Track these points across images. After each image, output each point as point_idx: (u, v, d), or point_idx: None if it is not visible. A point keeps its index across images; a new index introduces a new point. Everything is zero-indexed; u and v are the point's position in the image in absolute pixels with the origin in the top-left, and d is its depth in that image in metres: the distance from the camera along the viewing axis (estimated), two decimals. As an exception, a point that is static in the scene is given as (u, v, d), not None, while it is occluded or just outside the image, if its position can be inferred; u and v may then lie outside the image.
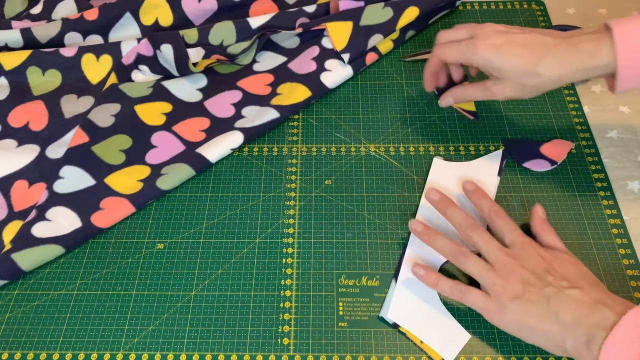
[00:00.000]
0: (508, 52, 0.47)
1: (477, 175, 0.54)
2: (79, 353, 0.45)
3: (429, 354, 0.44)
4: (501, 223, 0.46)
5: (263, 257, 0.50)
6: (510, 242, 0.45)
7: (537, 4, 0.69)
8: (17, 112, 0.59)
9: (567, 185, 0.53)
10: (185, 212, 0.53)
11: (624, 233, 0.50)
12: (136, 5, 0.64)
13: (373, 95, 0.61)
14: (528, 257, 0.43)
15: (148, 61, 0.61)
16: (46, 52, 0.61)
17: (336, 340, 0.46)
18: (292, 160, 0.56)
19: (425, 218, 0.51)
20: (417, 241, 0.49)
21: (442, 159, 0.55)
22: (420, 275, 0.46)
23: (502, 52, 0.47)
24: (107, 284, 0.49)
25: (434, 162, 0.55)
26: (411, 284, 0.47)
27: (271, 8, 0.68)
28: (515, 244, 0.45)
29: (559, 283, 0.41)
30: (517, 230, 0.46)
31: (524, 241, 0.45)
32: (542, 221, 0.48)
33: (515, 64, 0.47)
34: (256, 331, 0.46)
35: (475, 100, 0.55)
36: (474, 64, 0.49)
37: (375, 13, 0.61)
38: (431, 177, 0.54)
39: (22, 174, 0.55)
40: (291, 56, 0.63)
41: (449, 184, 0.53)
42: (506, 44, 0.47)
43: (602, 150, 0.56)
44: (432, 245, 0.46)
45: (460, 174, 0.54)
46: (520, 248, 0.44)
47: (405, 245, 0.50)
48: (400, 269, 0.48)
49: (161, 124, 0.58)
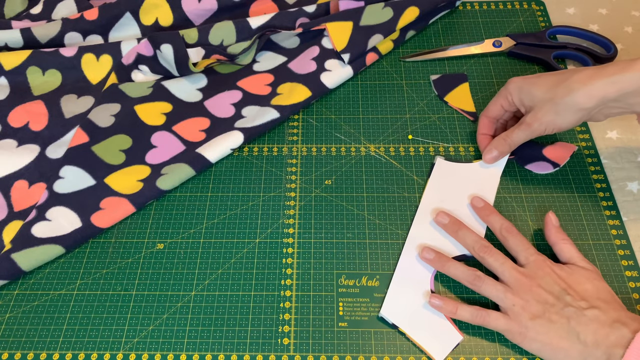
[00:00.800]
0: (537, 81, 0.50)
1: (480, 176, 0.54)
2: (79, 353, 0.45)
3: (428, 354, 0.44)
4: (514, 241, 0.46)
5: (263, 257, 0.50)
6: (525, 261, 0.45)
7: (537, 4, 0.69)
8: (17, 112, 0.59)
9: (566, 186, 0.54)
10: (185, 212, 0.53)
11: (623, 234, 0.50)
12: (136, 5, 0.64)
13: (373, 95, 0.61)
14: (544, 276, 0.43)
15: (148, 61, 0.61)
16: (46, 52, 0.61)
17: (336, 340, 0.46)
18: (292, 160, 0.56)
19: (425, 217, 0.51)
20: (410, 247, 0.50)
21: (444, 159, 0.55)
22: (437, 305, 0.45)
23: (532, 81, 0.50)
24: (107, 284, 0.49)
25: (437, 162, 0.55)
26: (406, 282, 0.47)
27: (271, 8, 0.68)
28: (529, 262, 0.45)
29: (578, 303, 0.42)
30: (530, 248, 0.46)
31: (538, 259, 0.45)
32: (557, 230, 0.47)
33: (545, 81, 0.48)
34: (256, 331, 0.46)
35: (520, 143, 0.52)
36: (508, 98, 0.51)
37: (375, 13, 0.61)
38: (433, 177, 0.54)
39: (22, 174, 0.55)
40: (291, 56, 0.63)
41: (451, 185, 0.53)
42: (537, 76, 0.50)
43: (602, 151, 0.56)
44: (448, 268, 0.47)
45: (463, 174, 0.54)
46: (535, 267, 0.44)
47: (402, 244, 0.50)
48: (396, 268, 0.48)
49: (161, 124, 0.58)
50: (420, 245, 0.49)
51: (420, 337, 0.45)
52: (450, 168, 0.55)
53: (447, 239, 0.50)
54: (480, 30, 0.66)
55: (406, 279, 0.48)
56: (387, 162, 0.56)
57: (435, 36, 0.66)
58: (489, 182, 0.53)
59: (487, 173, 0.54)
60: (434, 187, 0.53)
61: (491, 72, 0.62)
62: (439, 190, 0.53)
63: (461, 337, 0.45)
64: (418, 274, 0.48)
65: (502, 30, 0.66)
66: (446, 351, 0.44)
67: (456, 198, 0.52)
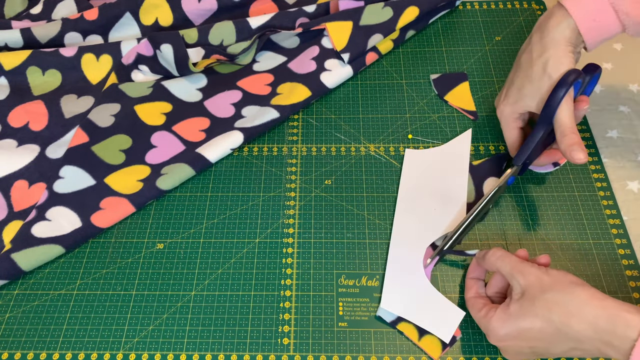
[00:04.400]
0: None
1: (450, 158, 0.55)
2: (79, 353, 0.45)
3: (427, 352, 0.44)
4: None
5: (263, 257, 0.50)
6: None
7: (537, 3, 0.69)
8: (17, 112, 0.59)
9: (567, 185, 0.53)
10: (185, 212, 0.53)
11: (624, 233, 0.50)
12: (136, 5, 0.64)
13: (373, 95, 0.61)
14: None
15: (148, 61, 0.61)
16: (46, 52, 0.61)
17: (336, 340, 0.46)
18: (292, 160, 0.56)
19: (404, 212, 0.52)
20: (397, 238, 0.50)
21: (413, 149, 0.56)
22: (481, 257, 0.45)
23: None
24: (107, 284, 0.49)
25: (406, 154, 0.56)
26: (399, 273, 0.48)
27: (271, 8, 0.68)
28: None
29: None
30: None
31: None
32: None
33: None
34: (256, 331, 0.46)
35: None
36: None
37: (375, 13, 0.61)
38: (405, 167, 0.55)
39: (22, 174, 0.55)
40: (291, 56, 0.63)
41: (424, 171, 0.54)
42: None
43: (602, 150, 0.56)
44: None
45: (433, 159, 0.55)
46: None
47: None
48: (387, 261, 0.49)
49: (161, 124, 0.58)
50: (407, 235, 0.50)
51: (424, 323, 0.45)
52: (420, 156, 0.55)
53: (429, 225, 0.50)
54: (480, 30, 0.66)
55: (399, 269, 0.48)
56: (387, 162, 0.56)
57: (435, 36, 0.66)
58: (460, 162, 0.54)
59: (456, 154, 0.55)
60: (408, 176, 0.54)
61: (491, 70, 0.62)
62: (413, 179, 0.54)
63: (463, 312, 0.45)
64: (410, 263, 0.48)
65: (502, 30, 0.66)
66: (452, 330, 0.45)
67: (431, 183, 0.53)
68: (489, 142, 0.57)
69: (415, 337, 0.45)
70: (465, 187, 0.53)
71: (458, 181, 0.53)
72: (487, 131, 0.57)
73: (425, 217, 0.51)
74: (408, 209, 0.52)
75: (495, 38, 0.65)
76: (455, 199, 0.52)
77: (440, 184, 0.53)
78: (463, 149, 0.55)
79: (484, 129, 0.58)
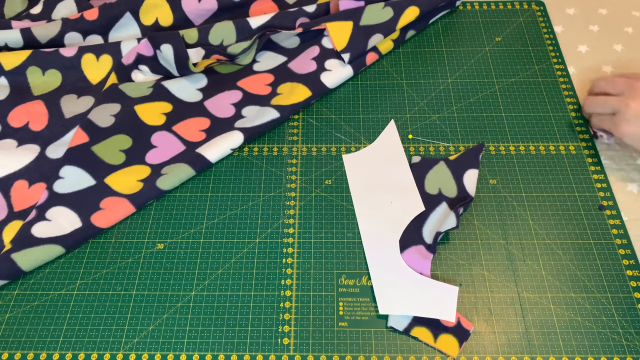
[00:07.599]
0: None
1: (385, 152, 0.56)
2: (79, 353, 0.45)
3: (445, 351, 0.44)
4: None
5: (263, 257, 0.50)
6: None
7: (537, 4, 0.69)
8: (17, 112, 0.59)
9: (567, 186, 0.54)
10: (185, 212, 0.53)
11: (624, 234, 0.50)
12: (136, 5, 0.64)
13: (373, 95, 0.61)
14: None
15: (148, 61, 0.61)
16: (46, 52, 0.61)
17: (336, 340, 0.46)
18: (292, 160, 0.56)
19: (367, 225, 0.52)
20: (369, 241, 0.51)
21: (348, 154, 0.57)
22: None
23: None
24: (107, 284, 0.49)
25: (344, 159, 0.56)
26: (382, 274, 0.48)
27: (271, 8, 0.68)
28: None
29: None
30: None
31: None
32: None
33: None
34: (256, 331, 0.46)
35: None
36: None
37: (376, 13, 0.61)
38: (349, 173, 0.55)
39: (22, 174, 0.55)
40: (291, 56, 0.63)
41: (367, 172, 0.55)
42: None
43: (602, 152, 0.56)
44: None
45: (370, 158, 0.56)
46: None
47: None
48: (368, 267, 0.49)
49: (161, 124, 0.58)
50: (376, 236, 0.50)
51: (425, 311, 0.45)
52: (357, 158, 0.56)
53: (393, 218, 0.51)
54: (481, 30, 0.66)
55: (382, 270, 0.48)
56: (387, 162, 0.56)
57: (435, 36, 0.66)
58: (396, 153, 0.56)
59: (390, 145, 0.56)
60: (354, 180, 0.55)
61: (491, 71, 0.62)
62: (361, 181, 0.54)
63: (456, 288, 0.46)
64: (389, 261, 0.49)
65: (502, 30, 0.66)
66: (453, 307, 0.45)
67: (378, 180, 0.54)
68: (488, 142, 0.57)
69: (431, 339, 0.45)
70: (410, 173, 0.54)
71: (402, 170, 0.54)
72: (487, 131, 0.57)
73: (387, 212, 0.52)
74: (367, 211, 0.52)
75: (496, 38, 0.65)
76: (406, 187, 0.53)
77: (388, 178, 0.54)
78: (393, 139, 0.56)
79: (484, 129, 0.58)
